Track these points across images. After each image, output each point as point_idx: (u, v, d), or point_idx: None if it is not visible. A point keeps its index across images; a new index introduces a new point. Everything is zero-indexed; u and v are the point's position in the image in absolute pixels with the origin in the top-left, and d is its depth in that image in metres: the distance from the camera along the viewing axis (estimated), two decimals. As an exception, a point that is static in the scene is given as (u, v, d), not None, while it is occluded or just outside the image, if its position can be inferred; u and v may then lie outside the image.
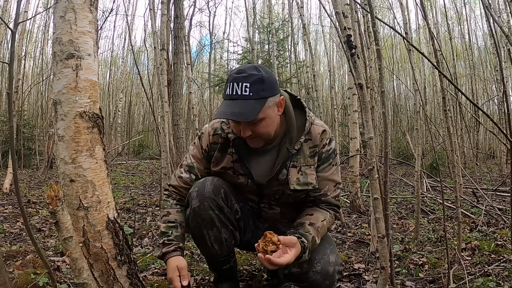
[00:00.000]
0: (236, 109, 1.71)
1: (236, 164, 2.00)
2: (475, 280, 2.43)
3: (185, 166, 2.11)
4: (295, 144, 1.93)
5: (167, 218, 2.03)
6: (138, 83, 19.48)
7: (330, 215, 2.01)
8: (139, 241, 3.61)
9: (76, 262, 1.20)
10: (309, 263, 1.90)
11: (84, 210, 1.32)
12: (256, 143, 1.91)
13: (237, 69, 1.79)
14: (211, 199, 1.92)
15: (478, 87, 13.63)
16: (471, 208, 4.69)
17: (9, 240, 3.47)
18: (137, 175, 9.15)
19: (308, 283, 1.94)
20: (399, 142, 12.08)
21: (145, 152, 15.51)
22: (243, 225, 2.12)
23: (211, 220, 1.94)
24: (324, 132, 1.98)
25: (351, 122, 4.90)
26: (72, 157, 1.29)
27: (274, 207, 2.10)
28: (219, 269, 2.25)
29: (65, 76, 1.31)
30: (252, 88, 1.72)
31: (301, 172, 1.95)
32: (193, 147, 2.12)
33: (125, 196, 5.80)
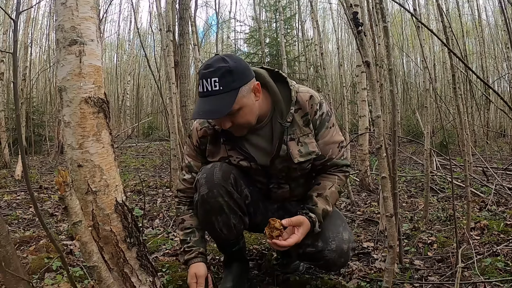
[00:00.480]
0: (209, 106, 1.71)
1: (232, 151, 2.00)
2: (483, 260, 2.44)
3: (185, 167, 2.14)
4: (286, 117, 1.91)
5: (183, 225, 2.11)
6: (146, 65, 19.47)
7: (338, 177, 2.03)
8: (150, 222, 3.65)
9: (86, 245, 1.22)
10: (323, 242, 1.93)
11: (92, 194, 1.33)
12: (239, 132, 1.92)
13: (205, 64, 1.77)
14: (221, 185, 1.92)
15: (488, 65, 13.42)
16: (480, 187, 4.67)
17: (23, 226, 3.53)
18: (147, 157, 9.21)
19: (323, 262, 1.97)
20: (409, 120, 11.99)
21: (154, 134, 15.56)
22: (253, 209, 2.13)
23: (220, 207, 1.94)
24: (312, 97, 1.95)
25: (360, 100, 4.87)
26: (79, 142, 1.30)
27: (283, 185, 2.10)
28: (228, 251, 2.28)
29: (69, 62, 1.31)
30: (221, 82, 1.71)
31: (300, 143, 1.94)
32: (186, 146, 2.16)
33: (136, 178, 5.84)
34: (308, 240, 1.91)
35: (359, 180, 5.14)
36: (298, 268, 2.46)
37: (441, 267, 2.50)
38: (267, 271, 2.47)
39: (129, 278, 1.47)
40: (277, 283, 2.28)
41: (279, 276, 2.37)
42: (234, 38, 15.21)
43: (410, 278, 2.33)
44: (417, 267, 2.51)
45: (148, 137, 15.41)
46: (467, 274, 2.30)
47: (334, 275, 2.40)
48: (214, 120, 1.91)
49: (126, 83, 17.69)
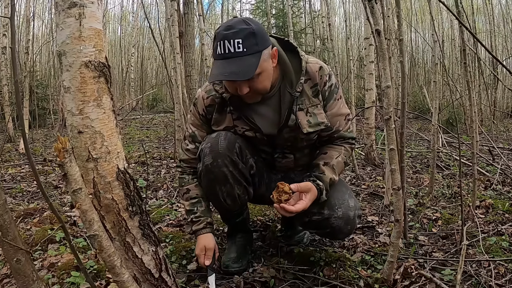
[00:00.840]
0: (233, 68, 1.64)
1: (238, 121, 1.96)
2: (488, 239, 2.43)
3: (188, 137, 2.09)
4: (296, 87, 1.88)
5: (188, 195, 2.08)
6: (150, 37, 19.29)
7: (345, 148, 2.02)
8: (154, 193, 3.65)
9: (86, 214, 1.19)
10: (330, 209, 1.92)
11: (93, 161, 1.30)
12: (253, 99, 1.86)
13: (224, 25, 1.70)
14: (225, 155, 1.89)
15: (497, 44, 13.20)
16: (486, 166, 4.63)
17: (27, 199, 3.54)
18: (151, 129, 9.21)
19: (330, 229, 1.96)
20: (416, 96, 11.88)
21: (159, 106, 15.52)
22: (258, 179, 2.11)
23: (224, 177, 1.91)
24: (321, 68, 1.92)
25: (367, 73, 4.80)
26: (79, 108, 1.26)
27: (288, 155, 2.08)
28: (232, 221, 2.26)
29: (68, 26, 1.26)
30: (245, 43, 1.65)
31: (309, 114, 1.91)
32: (190, 115, 2.09)
33: (140, 150, 5.84)
34: (314, 208, 1.89)
35: (364, 154, 5.10)
36: (302, 240, 2.46)
37: (446, 243, 2.49)
38: (271, 243, 2.47)
39: (131, 248, 1.45)
40: (281, 255, 2.28)
41: (283, 248, 2.36)
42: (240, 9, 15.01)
43: (415, 253, 2.31)
44: (422, 242, 2.51)
45: (152, 109, 15.39)
46: (471, 252, 2.29)
47: (338, 248, 2.40)
48: (229, 86, 1.83)
49: (130, 55, 17.54)
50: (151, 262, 1.50)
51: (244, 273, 2.10)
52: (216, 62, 1.71)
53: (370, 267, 2.17)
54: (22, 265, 1.23)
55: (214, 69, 1.70)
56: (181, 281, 1.98)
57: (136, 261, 1.47)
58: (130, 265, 1.46)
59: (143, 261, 1.48)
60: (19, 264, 1.22)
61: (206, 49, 5.08)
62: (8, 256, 1.22)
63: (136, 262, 1.47)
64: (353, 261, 2.20)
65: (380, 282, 1.95)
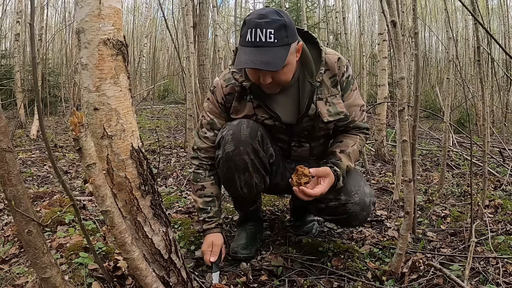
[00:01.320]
0: (263, 57, 1.64)
1: (258, 109, 1.96)
2: (496, 237, 2.42)
3: (206, 125, 2.06)
4: (316, 77, 1.89)
5: (203, 192, 2.06)
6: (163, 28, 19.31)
7: (360, 138, 2.05)
8: (163, 181, 3.68)
9: (99, 189, 1.20)
10: (346, 195, 1.93)
11: (108, 138, 1.31)
12: (273, 90, 1.87)
13: (257, 14, 1.69)
14: (248, 143, 1.88)
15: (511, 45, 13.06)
16: (496, 167, 4.60)
17: (37, 183, 3.58)
18: (162, 119, 9.23)
19: (346, 215, 1.97)
20: (427, 95, 11.79)
21: (170, 97, 15.54)
22: (275, 168, 2.11)
23: (244, 165, 1.91)
24: (340, 59, 1.94)
25: (380, 69, 4.77)
26: (96, 85, 1.27)
27: (304, 143, 2.09)
28: (245, 210, 2.27)
29: (88, 3, 1.26)
30: (277, 34, 1.65)
31: (328, 103, 1.93)
32: (208, 103, 2.07)
33: (151, 138, 5.87)
34: (330, 194, 1.91)
35: (374, 150, 5.08)
36: (311, 230, 2.46)
37: (454, 240, 2.49)
38: (279, 232, 2.47)
39: (141, 227, 1.45)
40: (289, 244, 2.28)
41: (292, 238, 2.37)
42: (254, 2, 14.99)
43: (423, 248, 2.31)
44: (430, 238, 2.50)
45: (164, 100, 15.42)
46: (479, 249, 2.29)
47: (346, 240, 2.40)
48: (252, 74, 1.82)
49: (142, 46, 17.55)
50: (161, 242, 1.51)
51: (252, 261, 2.10)
52: (244, 48, 1.71)
53: (378, 259, 2.17)
54: (33, 237, 1.24)
55: (242, 56, 1.69)
56: (189, 266, 1.99)
57: (146, 241, 1.48)
58: (140, 245, 1.46)
59: (153, 241, 1.49)
60: (30, 235, 1.23)
61: (219, 40, 5.08)
62: (20, 227, 1.23)
63: (146, 242, 1.48)
64: (361, 253, 2.20)
65: (388, 274, 1.95)
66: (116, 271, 1.84)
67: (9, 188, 1.19)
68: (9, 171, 1.17)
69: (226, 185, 2.09)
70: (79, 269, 1.88)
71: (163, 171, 3.98)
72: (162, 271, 1.53)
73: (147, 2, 19.60)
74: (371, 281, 1.94)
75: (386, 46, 4.72)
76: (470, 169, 2.68)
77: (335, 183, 1.86)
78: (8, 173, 1.17)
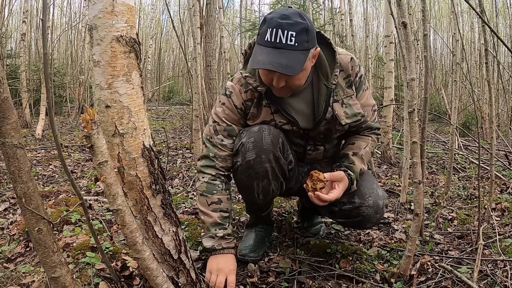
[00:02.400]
0: (281, 60, 1.59)
1: (276, 115, 1.91)
2: (504, 240, 2.40)
3: (223, 131, 1.94)
4: (331, 79, 1.85)
5: (219, 207, 1.89)
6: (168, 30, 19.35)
7: (371, 139, 2.02)
8: (169, 181, 3.67)
9: (110, 187, 1.19)
10: (360, 198, 1.91)
11: (119, 136, 1.30)
12: (284, 93, 1.83)
13: (280, 13, 1.63)
14: (270, 151, 1.82)
15: (518, 49, 13.00)
16: (502, 170, 4.58)
17: (43, 182, 3.58)
18: (167, 120, 9.25)
19: (361, 218, 1.94)
20: (433, 98, 11.77)
21: (175, 98, 15.58)
22: (291, 174, 2.06)
23: (265, 173, 1.85)
24: (352, 59, 1.91)
25: (387, 71, 4.76)
26: (108, 82, 1.26)
27: (319, 146, 2.07)
28: (258, 214, 2.25)
29: (101, 0, 1.26)
30: (298, 38, 1.60)
31: (345, 105, 1.90)
32: (223, 108, 1.95)
33: (156, 139, 5.87)
34: (344, 198, 1.88)
35: (380, 153, 5.07)
36: (318, 232, 2.45)
37: (461, 243, 2.47)
38: (287, 234, 2.46)
39: (152, 227, 1.44)
40: (297, 246, 2.27)
41: (299, 239, 2.35)
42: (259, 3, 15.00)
43: (431, 251, 2.30)
44: (437, 241, 2.48)
45: (168, 101, 15.46)
46: (487, 252, 2.28)
47: (354, 242, 2.38)
48: (265, 75, 1.76)
49: (148, 47, 17.59)
50: (171, 242, 1.50)
51: (259, 262, 2.09)
52: (261, 47, 1.65)
53: (386, 261, 2.16)
54: (43, 235, 1.23)
55: (260, 55, 1.63)
56: (197, 267, 1.97)
57: (156, 240, 1.47)
58: (149, 245, 1.45)
59: (163, 241, 1.48)
60: (40, 234, 1.22)
61: (225, 41, 5.07)
62: (30, 225, 1.22)
63: (156, 242, 1.47)
64: (369, 255, 2.19)
65: (396, 276, 1.94)
66: (124, 271, 1.83)
67: (20, 185, 1.18)
68: (20, 167, 1.16)
69: (243, 192, 2.02)
70: (86, 269, 1.87)
71: (169, 171, 3.98)
72: (171, 271, 1.52)
73: (153, 3, 19.65)
74: (380, 283, 1.93)
75: (392, 48, 4.72)
76: (478, 171, 2.66)
77: (349, 186, 1.85)
78: (19, 169, 1.16)
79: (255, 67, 1.68)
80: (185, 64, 4.93)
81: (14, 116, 1.15)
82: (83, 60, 9.51)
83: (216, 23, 4.48)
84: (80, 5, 12.19)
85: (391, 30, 4.62)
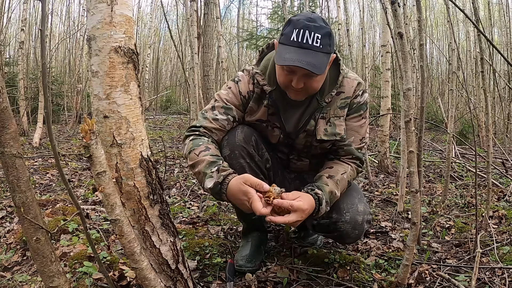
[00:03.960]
0: (308, 59, 1.62)
1: (272, 117, 1.95)
2: (501, 248, 2.41)
3: (220, 108, 1.93)
4: (325, 97, 1.88)
5: (209, 152, 1.77)
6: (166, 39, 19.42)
7: (351, 168, 1.96)
8: (167, 191, 3.67)
9: (109, 197, 1.20)
10: (337, 213, 1.90)
11: (117, 147, 1.30)
12: (299, 96, 1.84)
13: (306, 16, 1.67)
14: (242, 147, 1.87)
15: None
16: (499, 178, 4.60)
17: (40, 191, 3.57)
18: (164, 129, 9.26)
19: (337, 233, 1.94)
20: (429, 107, 11.84)
21: (172, 108, 15.61)
22: (273, 174, 2.09)
23: (242, 169, 1.87)
24: (359, 84, 1.93)
25: (383, 81, 4.78)
26: (106, 92, 1.27)
27: (304, 158, 2.08)
28: (248, 219, 2.25)
29: (100, 11, 1.27)
30: (323, 40, 1.64)
31: (329, 123, 1.92)
32: (228, 91, 1.98)
33: (154, 148, 5.87)
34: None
35: (377, 162, 5.08)
36: (316, 242, 2.45)
37: (459, 251, 2.48)
38: (284, 243, 2.46)
39: (149, 237, 1.44)
40: (295, 255, 2.27)
41: (297, 249, 2.35)
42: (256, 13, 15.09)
43: (428, 259, 2.30)
44: (435, 249, 2.49)
45: (166, 111, 15.49)
46: (485, 260, 2.28)
47: (352, 251, 2.38)
48: (285, 76, 1.75)
49: (145, 56, 17.66)
50: (168, 252, 1.50)
51: (257, 272, 2.09)
52: (287, 47, 1.67)
53: (384, 270, 2.16)
54: (42, 245, 1.23)
55: (286, 54, 1.65)
56: (195, 276, 1.97)
57: (153, 251, 1.47)
58: (147, 255, 1.45)
59: (160, 251, 1.48)
60: (38, 243, 1.23)
61: (222, 51, 5.10)
62: (28, 234, 1.22)
63: (153, 252, 1.47)
64: (367, 264, 2.19)
65: (394, 285, 1.94)
66: (121, 281, 1.83)
67: (18, 195, 1.18)
68: (18, 177, 1.17)
69: None
70: (83, 278, 1.87)
71: (166, 181, 3.97)
72: (169, 281, 1.52)
73: (151, 13, 19.75)
74: (378, 292, 1.93)
75: (389, 58, 4.74)
76: (475, 180, 2.67)
77: (317, 207, 1.72)
78: (18, 179, 1.17)
79: (283, 64, 1.67)
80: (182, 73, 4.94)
81: (13, 125, 1.15)
82: (81, 69, 9.55)
83: (213, 33, 4.51)
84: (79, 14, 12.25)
85: (387, 40, 4.65)
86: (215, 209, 3.03)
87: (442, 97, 11.64)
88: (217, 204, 3.17)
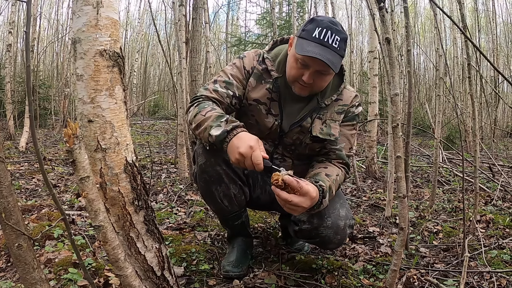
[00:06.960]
0: (328, 56, 1.69)
1: (273, 102, 1.96)
2: (489, 252, 2.43)
3: (222, 82, 1.93)
4: (325, 100, 1.94)
5: (216, 110, 1.76)
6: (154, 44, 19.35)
7: (342, 172, 1.98)
8: (154, 197, 3.63)
9: (92, 203, 1.17)
10: (319, 218, 1.89)
11: (102, 152, 1.28)
12: (304, 92, 1.87)
13: (329, 19, 1.76)
14: (218, 155, 1.88)
15: (499, 63, 13.30)
16: (486, 182, 4.64)
17: (25, 196, 3.52)
18: (152, 135, 9.20)
19: (319, 239, 1.93)
20: (416, 112, 11.93)
21: (160, 113, 15.55)
22: (252, 180, 2.11)
23: (218, 176, 1.91)
24: (356, 96, 2.04)
25: (371, 86, 4.80)
26: (91, 96, 1.25)
27: (287, 159, 2.07)
28: (230, 225, 2.23)
29: (85, 13, 1.25)
30: (340, 44, 1.73)
31: (325, 124, 1.95)
32: (232, 66, 2.00)
33: (141, 154, 5.83)
34: (304, 217, 1.89)
35: (365, 167, 5.10)
36: (303, 247, 2.44)
37: (447, 256, 2.48)
38: (272, 249, 2.44)
39: (134, 243, 1.42)
40: (282, 261, 2.25)
41: (284, 255, 2.33)
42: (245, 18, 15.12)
43: (416, 264, 2.30)
44: (423, 254, 2.49)
45: (154, 116, 15.42)
46: (473, 264, 2.29)
47: (340, 257, 2.38)
48: (298, 68, 1.78)
49: (133, 60, 17.57)
50: (154, 259, 1.48)
51: (244, 278, 2.07)
52: (308, 41, 1.73)
53: (372, 276, 2.15)
54: (24, 251, 1.20)
55: (308, 47, 1.71)
56: (181, 283, 1.95)
57: (138, 257, 1.44)
58: (132, 262, 1.43)
59: (146, 258, 1.45)
60: (20, 250, 1.19)
61: (210, 56, 5.09)
62: (9, 241, 1.19)
63: (138, 259, 1.45)
64: (355, 270, 2.18)
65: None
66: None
67: (0, 200, 1.15)
68: (0, 181, 1.14)
69: (207, 201, 2.07)
70: (68, 285, 1.84)
71: (153, 186, 3.94)
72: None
73: (139, 17, 19.70)
74: (366, 298, 1.92)
75: (376, 63, 4.77)
76: (462, 184, 2.68)
77: (320, 199, 1.70)
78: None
79: (305, 54, 1.71)
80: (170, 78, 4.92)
81: (-6, 130, 1.13)
82: (69, 72, 9.47)
83: (201, 38, 4.50)
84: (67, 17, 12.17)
85: (375, 46, 4.67)
86: (202, 215, 3.01)
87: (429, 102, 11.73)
88: (204, 210, 3.14)
